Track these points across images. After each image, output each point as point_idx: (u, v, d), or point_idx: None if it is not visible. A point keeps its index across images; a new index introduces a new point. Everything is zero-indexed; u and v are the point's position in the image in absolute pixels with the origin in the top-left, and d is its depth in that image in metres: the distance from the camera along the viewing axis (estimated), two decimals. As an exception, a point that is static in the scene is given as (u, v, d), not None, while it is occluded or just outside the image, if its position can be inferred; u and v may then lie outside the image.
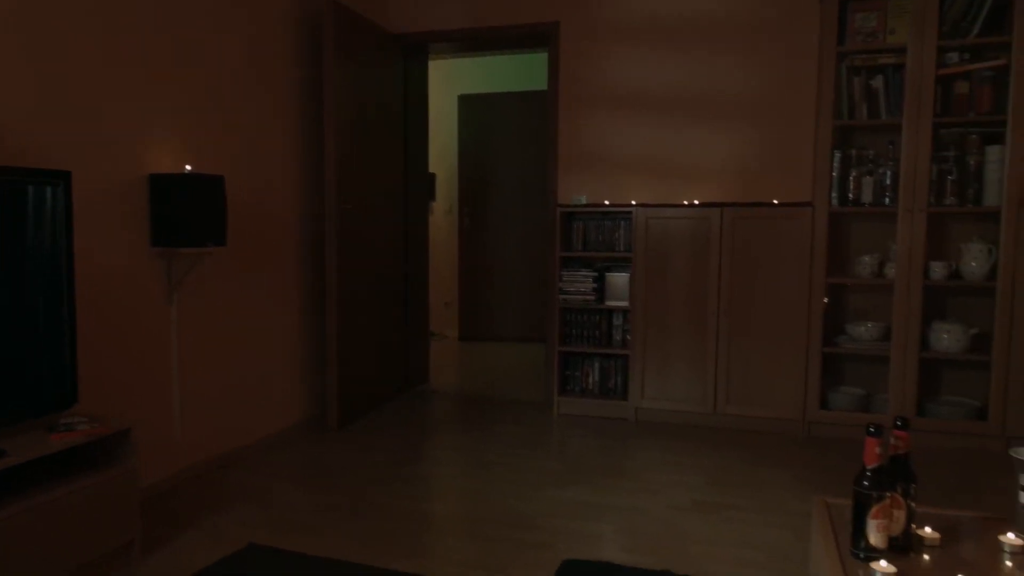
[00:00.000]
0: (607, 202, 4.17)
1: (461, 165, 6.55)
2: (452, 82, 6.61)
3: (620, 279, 4.05)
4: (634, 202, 4.08)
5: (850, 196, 3.73)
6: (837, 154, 3.71)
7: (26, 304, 2.20)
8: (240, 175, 3.38)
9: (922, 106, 3.51)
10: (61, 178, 2.27)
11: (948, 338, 3.62)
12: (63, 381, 2.31)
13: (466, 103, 6.50)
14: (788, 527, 2.64)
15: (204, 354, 3.21)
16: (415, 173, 4.77)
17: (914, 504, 1.46)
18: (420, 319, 4.92)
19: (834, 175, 3.71)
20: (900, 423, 1.47)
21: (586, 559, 2.37)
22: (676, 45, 4.10)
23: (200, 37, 3.13)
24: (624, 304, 4.04)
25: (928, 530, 1.51)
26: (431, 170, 6.36)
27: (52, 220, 2.25)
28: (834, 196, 3.72)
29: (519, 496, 2.95)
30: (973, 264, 3.56)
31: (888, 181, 3.66)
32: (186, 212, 2.85)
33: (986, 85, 3.50)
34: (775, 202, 3.86)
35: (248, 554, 2.43)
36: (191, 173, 2.91)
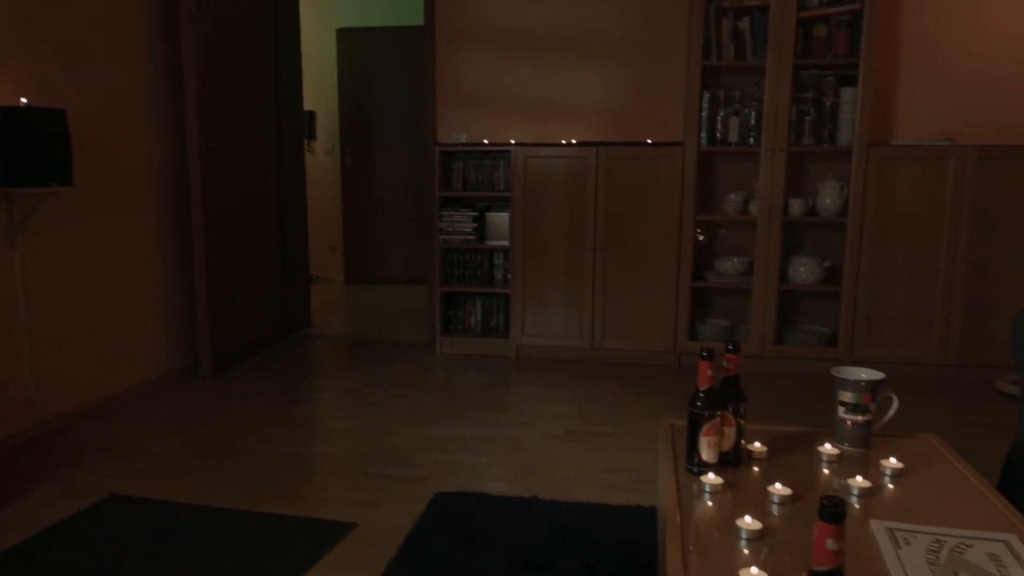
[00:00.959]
0: (486, 141, 4.15)
1: (342, 102, 6.33)
2: (329, 15, 6.33)
3: (500, 219, 4.07)
4: (513, 141, 4.08)
5: (718, 136, 3.86)
6: (706, 94, 3.82)
7: None
8: (88, 110, 3.14)
9: (784, 48, 3.64)
10: None
11: (805, 271, 3.85)
12: None
13: (345, 37, 6.25)
14: (651, 451, 2.79)
15: (57, 302, 3.02)
16: (289, 110, 4.57)
17: (743, 422, 1.57)
18: (300, 262, 4.80)
19: (703, 115, 3.83)
20: (731, 347, 1.56)
21: (458, 491, 2.44)
22: (553, -19, 4.07)
23: (32, -46, 2.85)
24: (504, 243, 4.07)
25: (757, 444, 1.63)
26: (309, 107, 6.13)
27: None
28: (703, 136, 3.85)
29: (397, 434, 2.98)
30: (828, 201, 3.79)
31: (753, 121, 3.81)
32: (24, 149, 2.63)
33: (843, 29, 3.66)
34: (648, 141, 3.95)
35: (109, 504, 2.35)
36: (27, 106, 2.68)
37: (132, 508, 2.33)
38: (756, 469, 1.57)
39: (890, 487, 1.48)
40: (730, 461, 1.56)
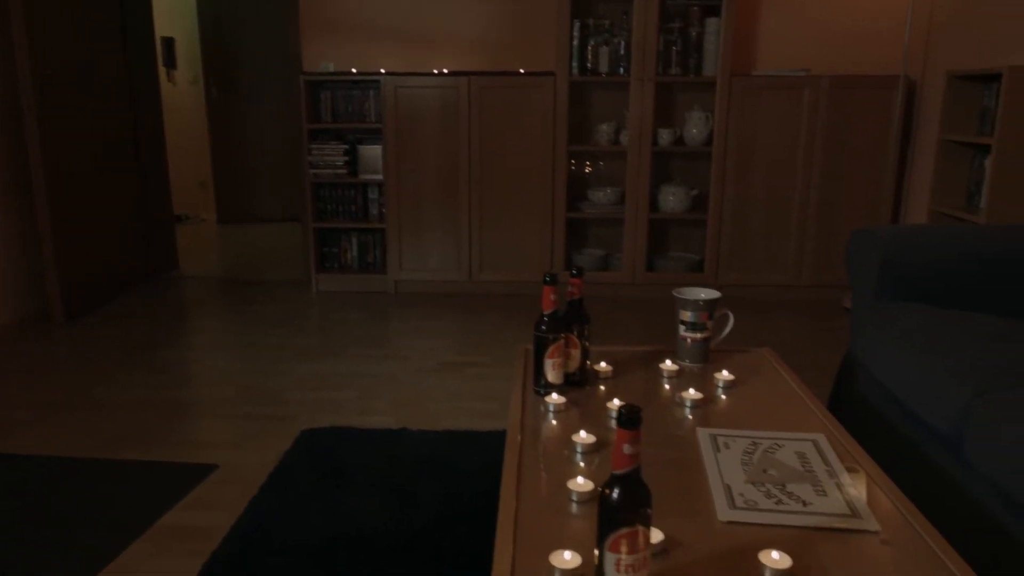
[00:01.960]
0: (355, 70, 4.00)
1: (203, 28, 5.92)
2: (185, -69, 5.85)
3: (373, 151, 3.97)
4: (383, 70, 3.94)
5: (589, 65, 3.87)
6: (577, 24, 3.80)
7: None
8: None
9: (651, -24, 3.66)
10: None
11: (673, 200, 3.98)
12: None
13: (204, -43, 5.81)
14: (522, 378, 2.86)
15: None
16: (138, 35, 4.23)
17: (588, 344, 1.62)
18: (162, 199, 4.53)
19: (574, 44, 3.81)
20: (575, 272, 1.60)
21: (326, 427, 2.42)
22: (420, -100, 3.89)
23: None
24: (378, 177, 3.98)
25: (603, 364, 1.69)
26: (167, 33, 5.71)
27: None
28: (574, 65, 3.84)
29: (267, 373, 2.91)
30: (694, 131, 3.89)
31: (623, 51, 3.83)
32: None
33: (707, -42, 3.71)
34: (520, 71, 3.91)
35: (-56, 463, 2.20)
36: None
37: (-29, 464, 2.19)
38: (602, 388, 1.63)
39: (722, 398, 1.58)
40: (576, 381, 1.61)
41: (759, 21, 3.96)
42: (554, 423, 1.46)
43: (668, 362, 1.70)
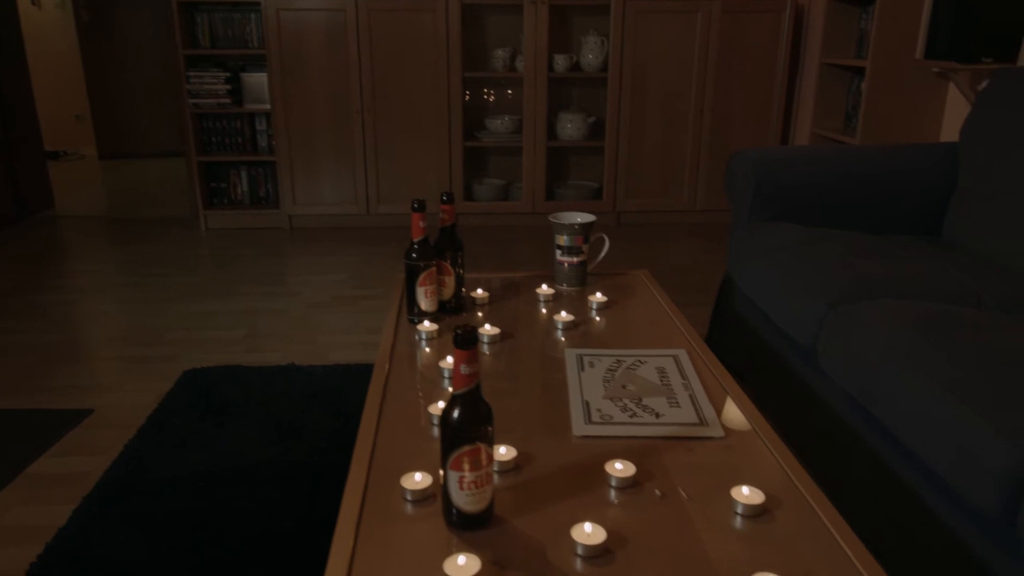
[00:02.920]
0: (234, -9, 3.76)
1: (68, -55, 5.43)
2: None
3: (257, 79, 3.77)
4: (264, -9, 3.71)
5: (482, -13, 3.75)
6: (467, -58, 3.66)
7: None
8: None
9: None
10: None
11: (571, 127, 3.96)
12: None
13: None
14: (417, 309, 2.84)
15: None
16: (-12, -50, 3.84)
17: (462, 271, 1.61)
18: (29, 134, 4.20)
19: (466, -35, 3.68)
20: (445, 198, 1.57)
21: (209, 366, 2.35)
22: None
23: None
24: (265, 107, 3.80)
25: (480, 291, 1.69)
26: (25, -50, 5.20)
27: None
28: (466, -13, 3.72)
29: (149, 314, 2.80)
30: (590, 56, 3.86)
31: (516, -28, 3.73)
32: None
33: None
34: (411, -7, 3.76)
35: None
36: None
37: None
38: (480, 315, 1.63)
39: (596, 319, 1.60)
40: (451, 309, 1.60)
41: (653, -58, 3.91)
42: (427, 351, 1.46)
43: (544, 286, 1.71)
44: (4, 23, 3.97)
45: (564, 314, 1.55)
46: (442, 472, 0.91)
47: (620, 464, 1.01)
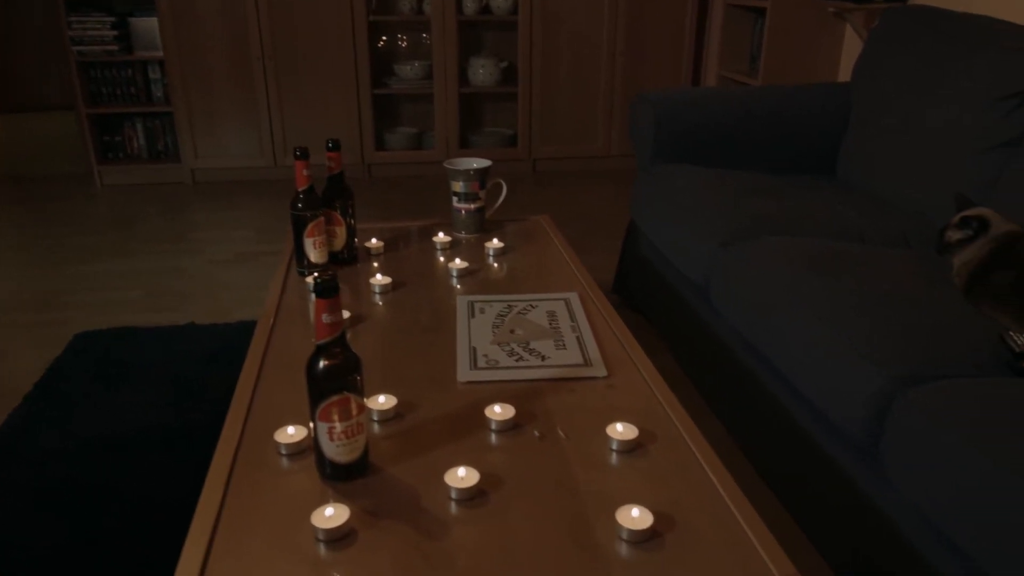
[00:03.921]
0: (115, -73, 3.50)
1: None
2: None
3: (147, 24, 3.54)
4: (149, -72, 3.47)
5: (384, -74, 3.60)
6: None
7: None
8: None
9: None
10: None
11: (484, 72, 3.89)
12: None
13: None
14: (325, 263, 2.78)
15: None
16: None
17: (353, 220, 1.57)
18: (-103, 87, 3.87)
19: (366, -99, 3.52)
20: (331, 145, 1.52)
21: (104, 328, 2.25)
22: None
23: None
24: (159, 54, 3.58)
25: (374, 241, 1.66)
26: None
27: None
28: (367, -75, 3.56)
29: (38, 277, 2.65)
30: (500, -2, 3.77)
31: (419, -90, 3.59)
32: None
33: None
34: (309, -69, 3.58)
35: None
36: None
37: None
38: (375, 264, 1.60)
39: (493, 266, 1.59)
40: (344, 260, 1.56)
41: None
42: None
43: (441, 234, 1.68)
44: None
45: (459, 261, 1.53)
46: (312, 424, 0.89)
47: (499, 407, 1.01)
